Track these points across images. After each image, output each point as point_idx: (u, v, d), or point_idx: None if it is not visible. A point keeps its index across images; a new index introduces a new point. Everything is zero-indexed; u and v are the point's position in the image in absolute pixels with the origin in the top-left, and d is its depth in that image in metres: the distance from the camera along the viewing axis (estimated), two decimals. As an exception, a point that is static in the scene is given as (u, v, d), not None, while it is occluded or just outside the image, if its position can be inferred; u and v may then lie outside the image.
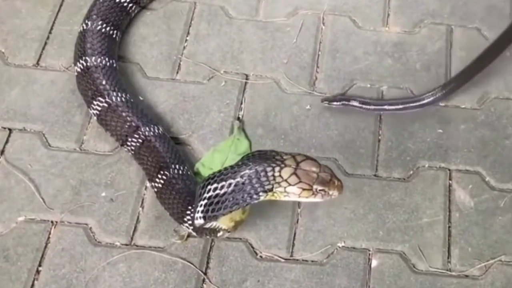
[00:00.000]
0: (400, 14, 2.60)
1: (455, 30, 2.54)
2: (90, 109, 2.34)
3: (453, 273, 2.06)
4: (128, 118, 2.26)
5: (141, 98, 2.40)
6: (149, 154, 2.22)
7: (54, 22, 2.60)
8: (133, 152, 2.27)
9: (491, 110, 2.36)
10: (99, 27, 2.44)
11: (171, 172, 2.17)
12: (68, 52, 2.51)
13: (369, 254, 2.10)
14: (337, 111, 2.36)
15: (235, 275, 2.08)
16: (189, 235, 2.15)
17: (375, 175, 2.25)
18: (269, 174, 1.76)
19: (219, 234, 2.05)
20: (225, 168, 1.82)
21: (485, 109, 2.36)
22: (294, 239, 2.14)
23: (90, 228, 2.17)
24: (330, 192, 1.78)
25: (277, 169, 1.76)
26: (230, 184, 1.78)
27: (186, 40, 2.57)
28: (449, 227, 2.14)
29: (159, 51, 2.53)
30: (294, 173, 1.76)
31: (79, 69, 2.38)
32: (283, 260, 2.10)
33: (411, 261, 2.08)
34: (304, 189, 1.76)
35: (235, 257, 2.11)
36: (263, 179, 1.76)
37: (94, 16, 2.46)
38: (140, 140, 2.24)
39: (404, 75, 2.45)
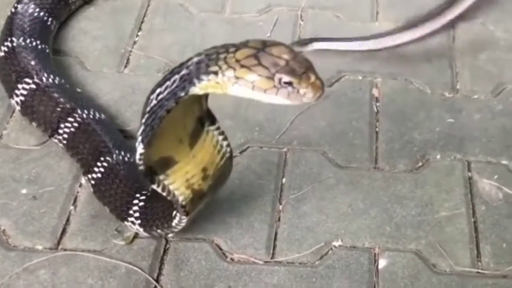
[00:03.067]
0: (391, 9, 2.46)
1: (457, 24, 2.38)
2: (13, 97, 2.06)
3: (486, 273, 1.72)
4: (61, 100, 1.99)
5: (79, 90, 2.13)
6: (86, 140, 1.92)
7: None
8: (65, 142, 1.96)
9: (509, 100, 2.15)
10: (31, 10, 2.24)
11: (114, 158, 1.86)
12: (-10, 46, 2.26)
13: (375, 254, 1.76)
14: (324, 102, 2.11)
15: (197, 280, 1.70)
16: (135, 236, 1.80)
17: (375, 168, 1.96)
18: (221, 55, 1.39)
19: (174, 222, 1.68)
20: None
21: (502, 99, 2.16)
22: (275, 238, 1.80)
23: (3, 230, 1.80)
24: (301, 90, 1.33)
25: (232, 49, 1.39)
26: (174, 81, 1.44)
27: (137, 35, 2.37)
28: (474, 221, 1.83)
29: (103, 45, 2.32)
30: (254, 55, 1.36)
31: (2, 53, 2.12)
32: (261, 263, 1.74)
33: (429, 261, 1.75)
34: (261, 77, 1.34)
35: (197, 260, 1.75)
36: (211, 61, 1.38)
37: (26, 0, 2.25)
38: (75, 124, 1.95)
39: (401, 67, 2.25)
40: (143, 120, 1.48)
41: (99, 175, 1.85)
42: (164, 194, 1.59)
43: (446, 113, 2.11)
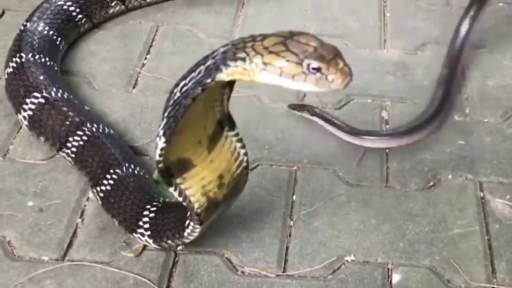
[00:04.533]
0: (399, 39, 2.48)
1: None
2: (21, 112, 2.05)
3: (502, 288, 1.70)
4: (70, 113, 1.99)
5: (87, 108, 2.12)
6: (96, 153, 1.91)
7: (-16, 38, 2.40)
8: (73, 155, 1.94)
9: (519, 124, 2.16)
10: (40, 28, 2.25)
11: (123, 170, 1.84)
12: (-2, 65, 2.26)
13: (389, 269, 1.73)
14: (333, 123, 2.11)
15: (207, 292, 1.67)
16: (144, 248, 1.76)
17: (386, 186, 1.95)
18: (248, 43, 1.37)
19: (186, 232, 1.66)
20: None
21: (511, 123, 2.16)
22: (286, 252, 1.77)
23: (9, 241, 1.77)
24: (329, 76, 1.31)
25: (259, 38, 1.37)
26: (200, 71, 1.42)
27: (146, 57, 2.37)
28: (488, 239, 1.81)
29: (112, 66, 2.33)
30: (281, 42, 1.35)
31: (11, 69, 2.12)
32: (273, 276, 1.71)
33: (444, 276, 1.72)
34: (289, 62, 1.32)
35: (207, 273, 1.71)
36: (239, 49, 1.36)
37: (35, 19, 2.28)
38: (84, 138, 1.93)
39: (409, 90, 2.26)
40: (166, 114, 1.46)
41: (108, 187, 1.83)
42: (180, 199, 1.57)
43: (456, 136, 2.11)
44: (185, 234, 1.66)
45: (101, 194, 1.84)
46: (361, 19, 2.54)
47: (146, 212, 1.74)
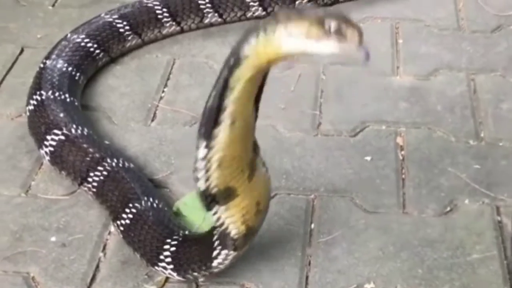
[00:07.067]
0: (411, 65, 2.48)
1: (477, 77, 2.41)
2: (42, 148, 2.08)
3: (522, 313, 1.69)
4: (91, 150, 2.01)
5: (107, 143, 2.14)
6: (115, 187, 1.93)
7: (6, 75, 2.44)
8: (94, 190, 1.97)
9: (536, 148, 2.15)
10: (59, 65, 2.28)
11: (142, 204, 1.86)
12: (19, 102, 2.30)
13: (408, 296, 1.73)
14: (349, 150, 2.12)
15: (229, 323, 1.67)
16: (166, 280, 1.78)
17: (403, 212, 1.95)
18: (267, 20, 1.37)
19: (216, 262, 1.67)
20: None
21: (528, 147, 2.16)
22: (307, 282, 1.77)
23: (33, 277, 1.79)
24: (348, 35, 1.31)
25: (280, 13, 1.38)
26: (227, 60, 1.43)
27: (163, 91, 2.39)
28: (507, 264, 1.80)
29: (130, 100, 2.35)
30: (299, 12, 1.37)
31: (32, 107, 2.16)
32: (294, 304, 1.72)
33: (464, 302, 1.72)
34: (313, 25, 1.32)
35: (229, 302, 1.72)
36: (258, 27, 1.37)
37: (54, 56, 2.32)
38: (105, 173, 1.96)
39: (423, 116, 2.26)
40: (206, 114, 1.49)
41: (127, 221, 1.84)
42: (217, 224, 1.59)
43: (471, 160, 2.10)
44: (215, 264, 1.68)
45: (122, 228, 1.85)
46: (374, 46, 2.51)
47: (167, 246, 1.75)
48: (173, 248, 1.74)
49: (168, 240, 1.76)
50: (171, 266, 1.74)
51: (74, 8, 2.77)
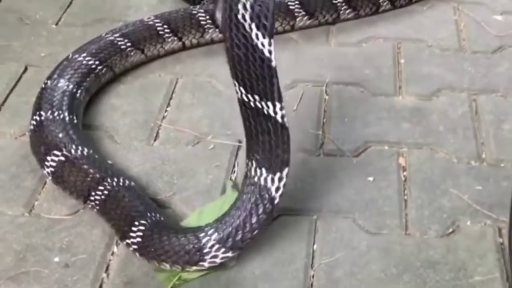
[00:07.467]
0: (414, 85, 2.49)
1: (478, 97, 2.42)
2: (44, 168, 2.08)
3: (526, 336, 1.69)
4: (91, 170, 2.02)
5: (109, 162, 2.15)
6: (118, 206, 1.93)
7: (10, 93, 2.45)
8: (98, 208, 1.97)
9: (537, 169, 2.16)
10: (60, 84, 2.30)
11: (149, 220, 1.87)
12: (22, 121, 2.32)
13: (411, 318, 1.74)
14: (352, 171, 2.13)
15: None
16: (169, 301, 1.78)
17: (406, 234, 1.95)
18: None
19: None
20: None
21: (529, 167, 2.17)
22: (309, 304, 1.78)
23: (36, 297, 1.79)
24: None
25: None
26: None
27: (166, 110, 2.40)
28: (509, 285, 1.81)
29: (133, 119, 2.36)
30: None
31: (32, 126, 2.17)
32: (296, 327, 1.72)
33: (466, 324, 1.72)
34: None
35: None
36: None
37: (55, 76, 2.34)
38: (106, 192, 1.96)
39: (426, 136, 2.27)
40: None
41: (139, 239, 1.85)
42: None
43: (473, 181, 2.11)
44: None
45: (134, 247, 1.86)
46: (376, 67, 2.57)
47: None
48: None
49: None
50: None
51: (78, 26, 2.79)
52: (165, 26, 2.60)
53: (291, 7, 2.70)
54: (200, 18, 2.64)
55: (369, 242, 1.93)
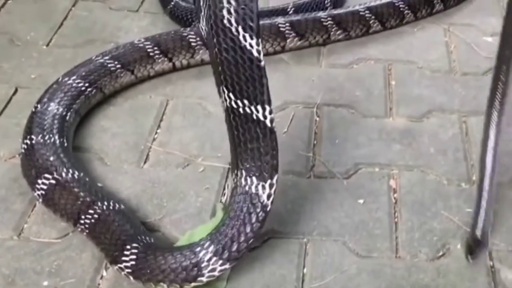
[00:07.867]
0: (404, 107, 2.50)
1: (468, 119, 2.43)
2: (35, 191, 2.08)
3: None
4: (81, 194, 2.02)
5: (99, 185, 2.15)
6: (107, 230, 1.93)
7: (-1, 115, 2.45)
8: (87, 231, 1.97)
9: (527, 191, 2.16)
10: (50, 107, 2.30)
11: (141, 243, 1.87)
12: (12, 143, 2.32)
13: None
14: (342, 193, 2.13)
15: None
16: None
17: (396, 257, 1.95)
18: None
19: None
20: None
21: (519, 189, 2.17)
22: (298, 328, 1.77)
23: (24, 323, 1.78)
24: None
25: None
26: None
27: (156, 132, 2.40)
28: (498, 308, 1.81)
29: (123, 141, 2.35)
30: None
31: (23, 150, 2.17)
32: None
33: None
34: None
35: None
36: None
37: (45, 100, 2.34)
38: (96, 216, 1.96)
39: (417, 158, 2.27)
40: None
41: (133, 262, 1.84)
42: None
43: (464, 203, 2.11)
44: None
45: (127, 270, 1.85)
46: (367, 88, 2.58)
47: None
48: None
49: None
50: None
51: (68, 48, 2.79)
52: (155, 48, 2.60)
53: (281, 28, 2.71)
54: (191, 40, 2.65)
55: (359, 265, 1.93)
